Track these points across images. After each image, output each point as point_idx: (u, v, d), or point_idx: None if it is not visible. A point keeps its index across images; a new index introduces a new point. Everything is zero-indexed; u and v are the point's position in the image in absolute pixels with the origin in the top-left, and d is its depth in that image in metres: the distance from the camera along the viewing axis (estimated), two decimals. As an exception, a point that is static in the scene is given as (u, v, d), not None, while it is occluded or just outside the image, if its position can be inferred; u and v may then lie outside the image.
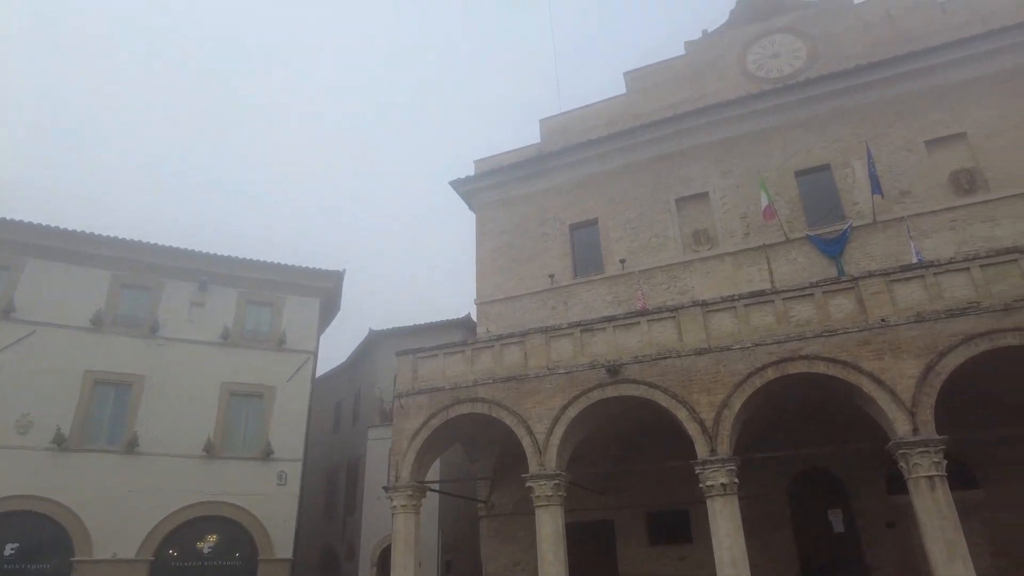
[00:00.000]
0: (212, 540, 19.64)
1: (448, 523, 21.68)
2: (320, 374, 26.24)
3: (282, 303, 22.86)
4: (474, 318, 22.62)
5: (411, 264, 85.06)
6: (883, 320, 12.74)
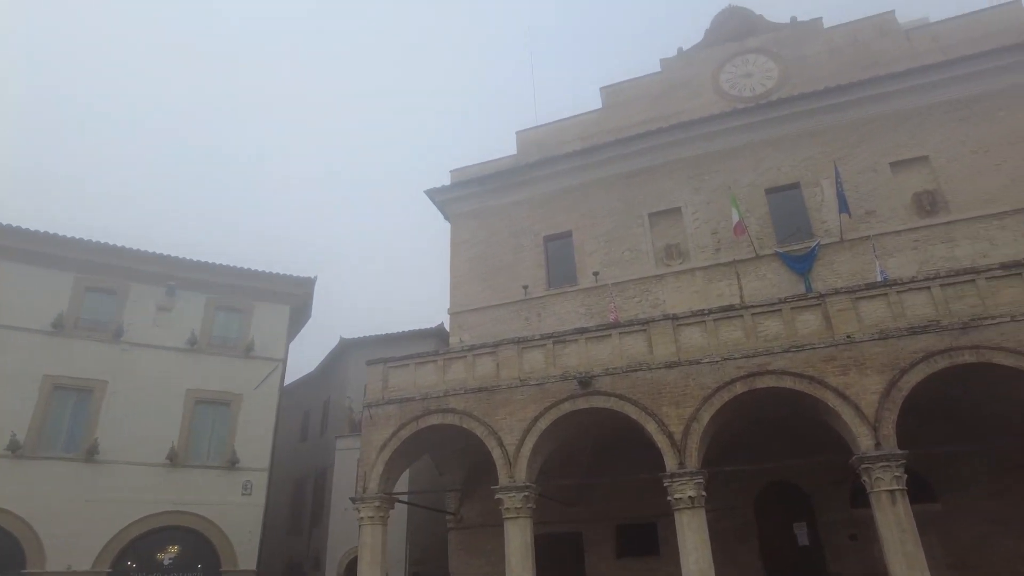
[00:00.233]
0: (173, 551, 19.15)
1: (416, 535, 21.46)
2: (289, 382, 25.87)
3: (251, 310, 22.54)
4: (447, 328, 22.55)
5: (384, 273, 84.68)
6: (848, 336, 13.02)
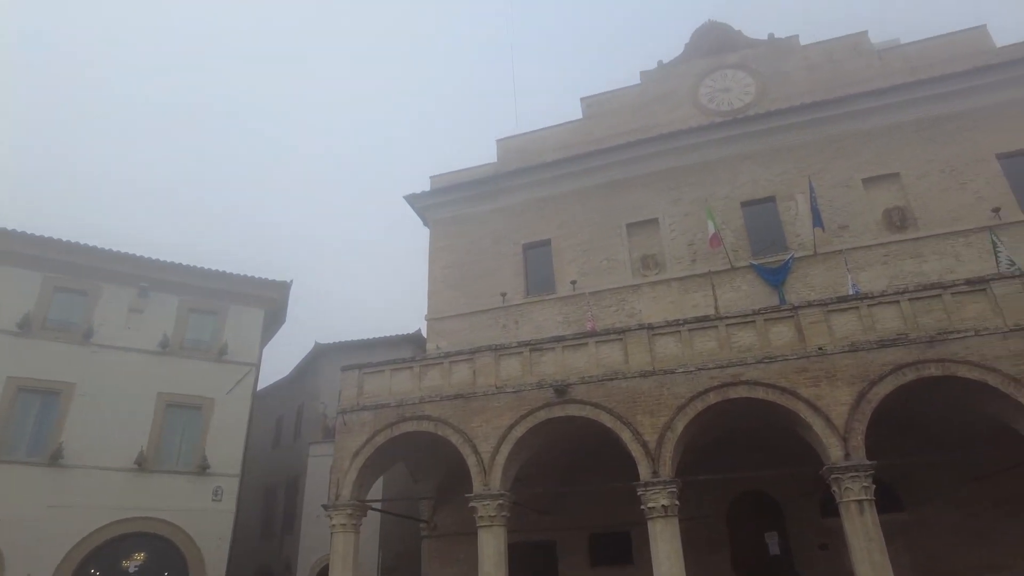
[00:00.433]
0: (139, 559, 18.69)
1: (389, 543, 21.27)
2: (262, 387, 25.52)
3: (225, 312, 22.21)
4: (424, 334, 22.46)
5: (361, 278, 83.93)
6: (820, 349, 13.23)
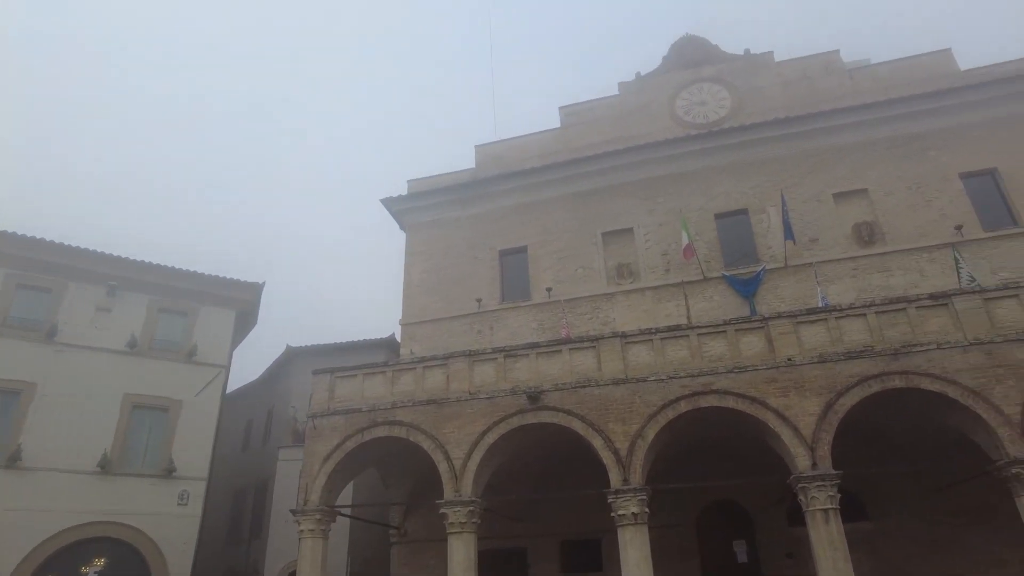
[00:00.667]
0: (99, 564, 18.18)
1: (358, 549, 21.05)
2: (232, 390, 25.14)
3: (196, 313, 21.85)
4: (399, 339, 22.34)
5: (335, 281, 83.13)
6: (789, 359, 13.47)
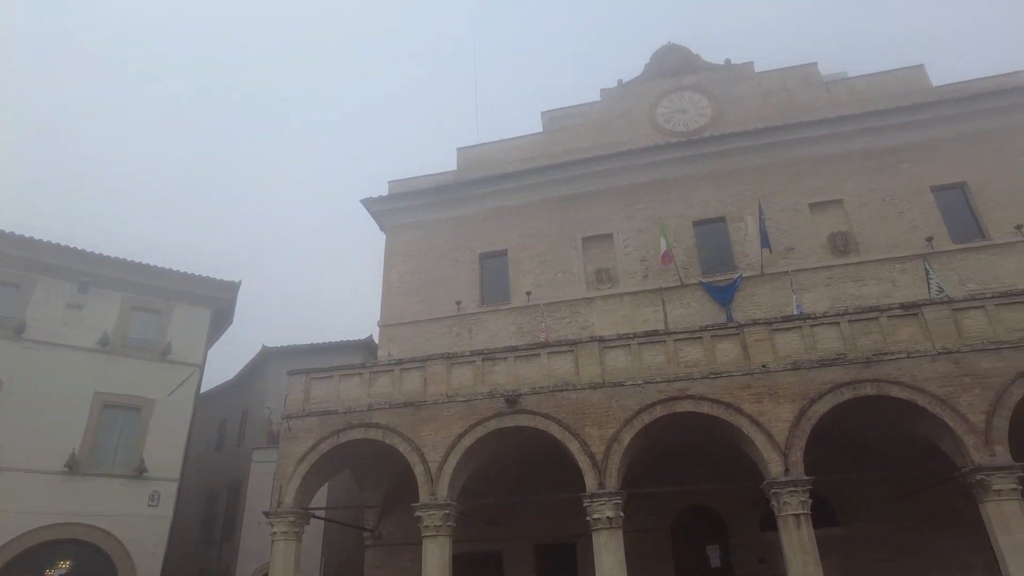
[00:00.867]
0: (64, 567, 17.77)
1: (332, 552, 20.87)
2: (206, 390, 24.82)
3: (170, 311, 21.52)
4: (376, 340, 22.22)
5: (313, 282, 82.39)
6: (764, 366, 13.64)
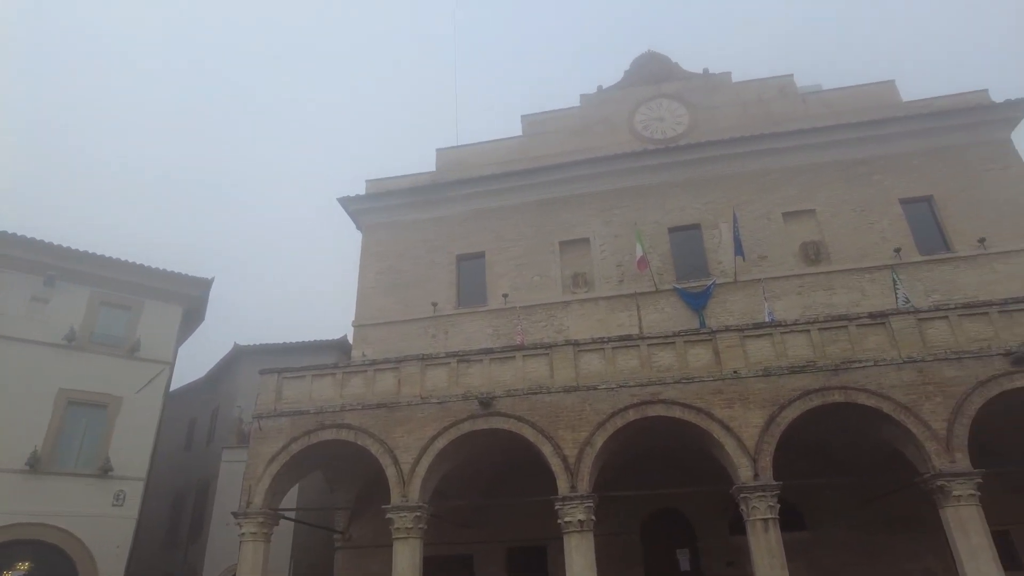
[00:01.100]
0: (23, 569, 17.26)
1: (302, 553, 20.64)
2: (176, 387, 24.38)
3: (140, 308, 21.09)
4: (351, 341, 22.05)
5: (287, 280, 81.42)
6: (735, 372, 13.84)
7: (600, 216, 21.54)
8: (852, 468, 15.15)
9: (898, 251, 18.93)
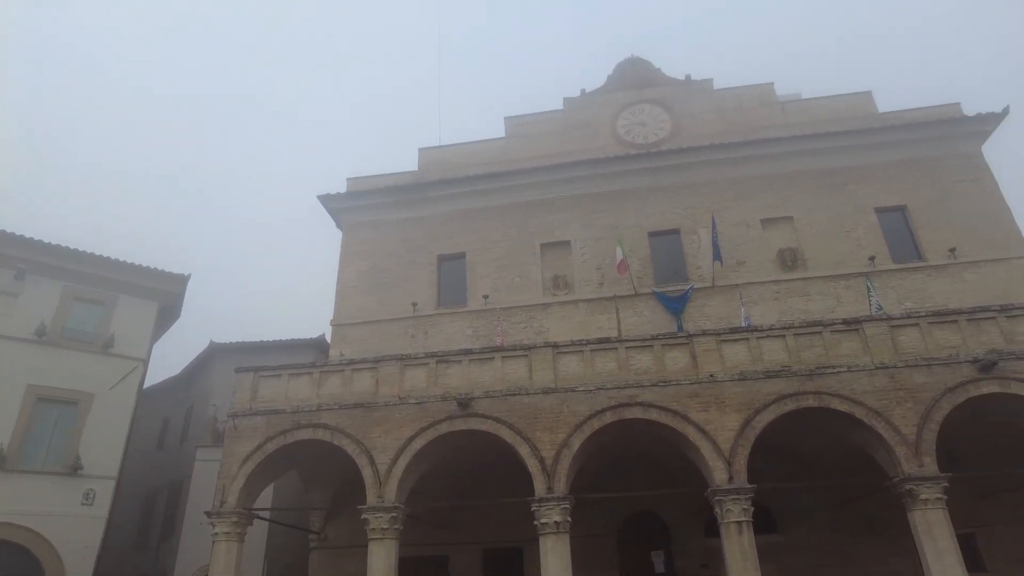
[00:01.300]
0: (-14, 569, 16.96)
1: (277, 554, 20.42)
2: (150, 385, 24.02)
3: (114, 303, 20.73)
4: (329, 340, 21.89)
5: (266, 278, 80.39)
6: (712, 376, 13.99)
7: (581, 219, 21.65)
8: (825, 472, 15.38)
9: (872, 259, 19.28)
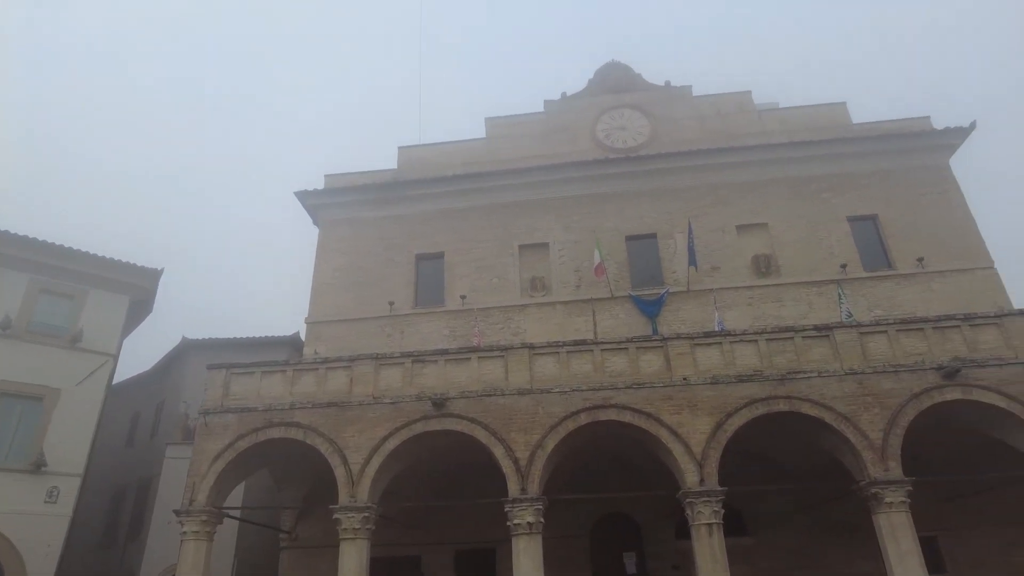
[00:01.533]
0: (-60, 569, 16.48)
1: (247, 553, 20.14)
2: (120, 380, 23.58)
3: (84, 297, 20.29)
4: (304, 338, 21.68)
5: (240, 274, 79.23)
6: (685, 379, 14.14)
7: (560, 221, 21.74)
8: (794, 476, 15.63)
9: (844, 267, 19.65)
